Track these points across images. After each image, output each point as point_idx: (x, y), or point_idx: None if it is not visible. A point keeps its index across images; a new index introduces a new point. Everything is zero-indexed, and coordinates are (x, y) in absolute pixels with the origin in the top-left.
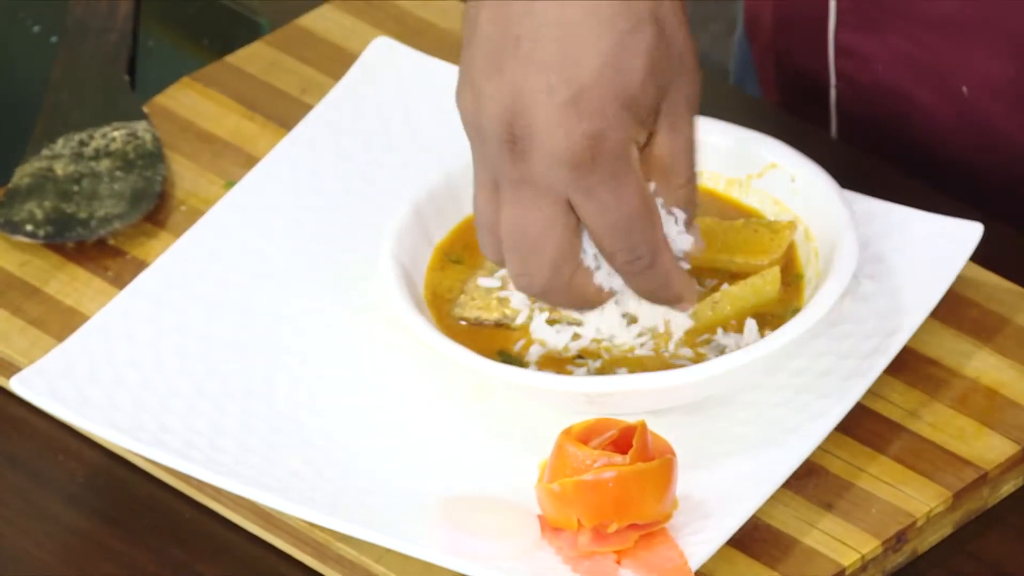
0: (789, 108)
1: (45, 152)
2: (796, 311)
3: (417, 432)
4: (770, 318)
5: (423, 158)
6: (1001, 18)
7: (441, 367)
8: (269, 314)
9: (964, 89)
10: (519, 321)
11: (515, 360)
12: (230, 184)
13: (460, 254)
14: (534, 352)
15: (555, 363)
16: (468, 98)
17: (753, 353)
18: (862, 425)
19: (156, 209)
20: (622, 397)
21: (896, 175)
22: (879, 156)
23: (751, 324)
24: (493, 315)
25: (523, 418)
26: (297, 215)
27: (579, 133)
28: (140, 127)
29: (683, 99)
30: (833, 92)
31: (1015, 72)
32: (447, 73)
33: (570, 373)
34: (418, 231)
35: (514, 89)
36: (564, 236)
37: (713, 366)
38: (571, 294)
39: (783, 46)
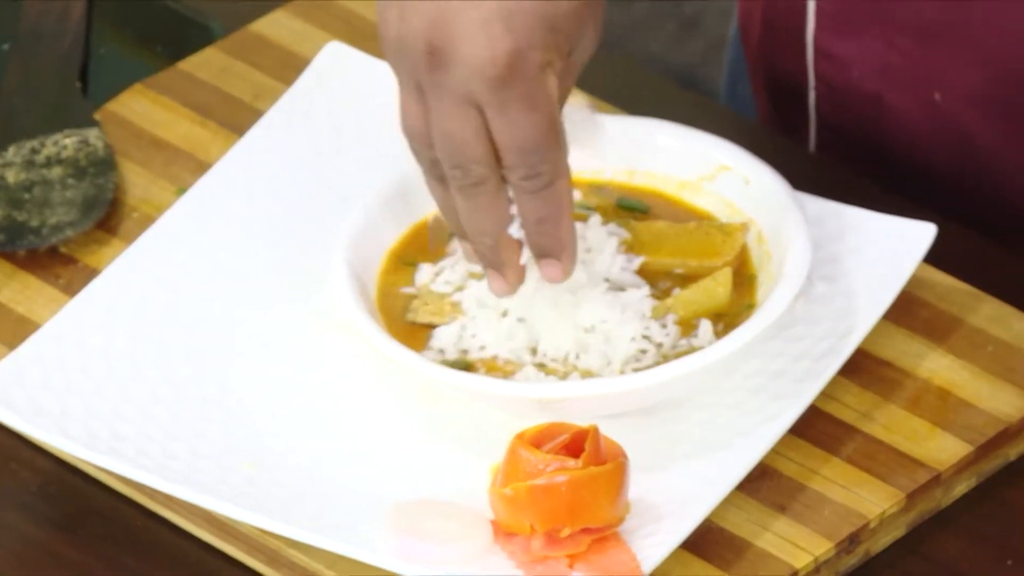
0: (774, 110)
1: None
2: (750, 307)
3: (370, 437)
4: (724, 316)
5: (375, 162)
6: (973, 26)
7: (393, 372)
8: (222, 320)
9: (937, 96)
10: (475, 321)
11: (467, 364)
12: (182, 190)
13: (413, 257)
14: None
15: (509, 363)
16: (392, 15)
17: (706, 357)
18: (815, 427)
19: (108, 216)
20: (575, 403)
21: (852, 177)
22: (856, 160)
23: (705, 325)
24: (446, 319)
25: (475, 422)
26: (249, 221)
27: (502, 48)
28: (92, 134)
29: (584, 52)
30: (812, 95)
31: (986, 80)
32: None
33: (520, 367)
34: (370, 235)
35: (440, 3)
36: (488, 132)
37: (665, 371)
38: (492, 198)
39: (768, 48)
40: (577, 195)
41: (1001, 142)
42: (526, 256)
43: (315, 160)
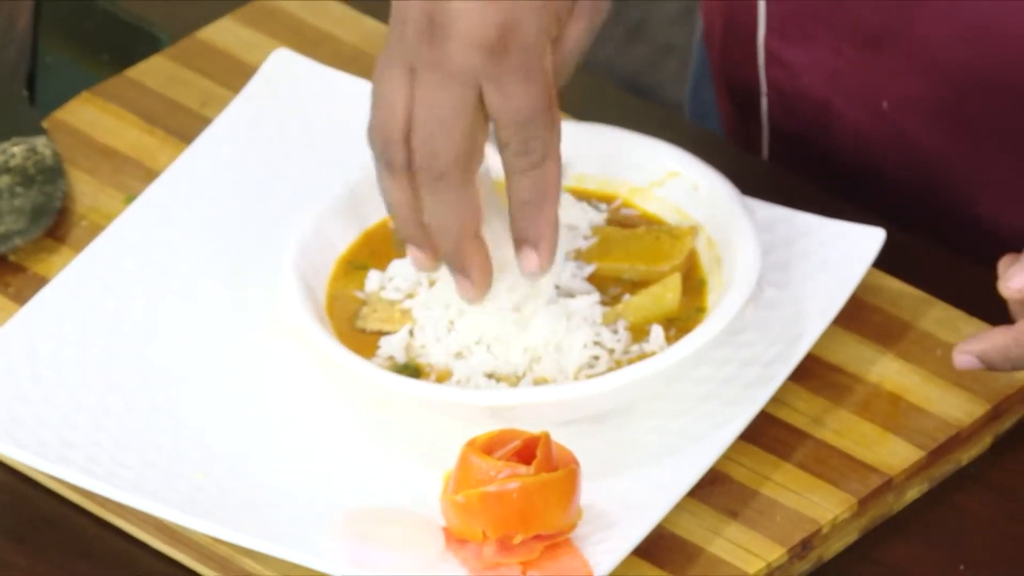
0: (732, 115)
1: None
2: (700, 311)
3: (320, 445)
4: (676, 321)
5: (324, 169)
6: (914, 32)
7: (343, 379)
8: (171, 328)
9: (884, 104)
10: (424, 330)
11: (417, 370)
12: (130, 198)
13: (364, 261)
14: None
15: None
16: None
17: (657, 364)
18: (766, 433)
19: (57, 224)
20: (526, 410)
21: (802, 183)
22: (808, 167)
23: (656, 331)
24: (396, 327)
25: (427, 429)
26: (198, 229)
27: (496, 20)
28: (40, 142)
29: (588, 20)
30: (764, 101)
31: (930, 86)
32: (346, 84)
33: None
34: (320, 243)
35: None
36: (474, 120)
37: (616, 378)
38: (462, 194)
39: (726, 54)
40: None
41: (947, 148)
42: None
43: (264, 167)
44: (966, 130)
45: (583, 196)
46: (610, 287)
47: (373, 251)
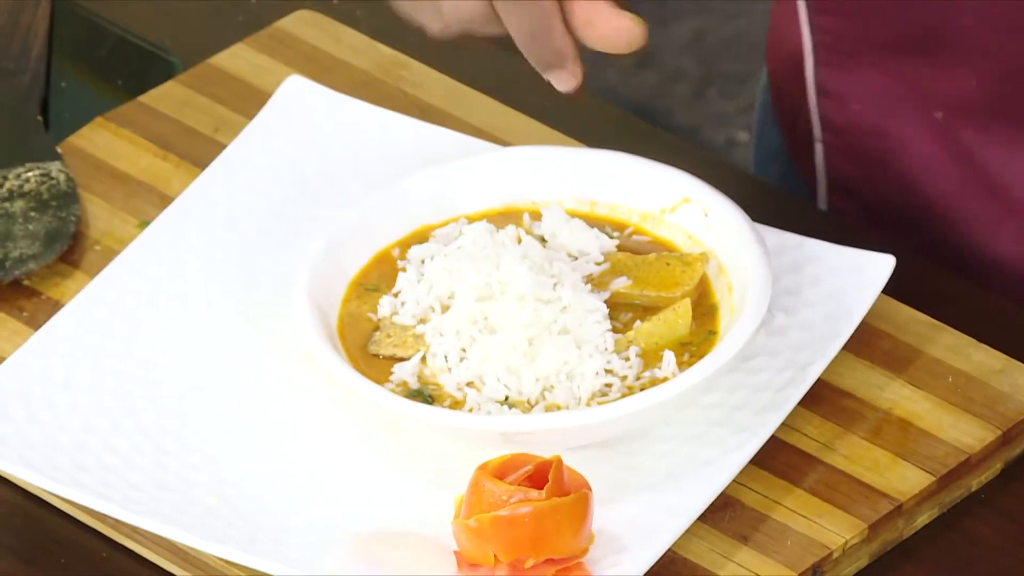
0: (791, 151)
1: None
2: (712, 334)
3: (333, 469)
4: (688, 345)
5: (336, 195)
6: (960, 29)
7: (355, 404)
8: (183, 353)
9: (939, 114)
10: (436, 357)
11: (430, 396)
12: (144, 224)
13: (376, 283)
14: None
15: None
16: None
17: (667, 390)
18: (777, 458)
19: (70, 249)
20: (539, 435)
21: (813, 209)
22: (870, 207)
23: (668, 357)
24: (409, 352)
25: (438, 454)
26: (211, 254)
27: None
28: (54, 167)
29: None
30: (819, 148)
31: (981, 82)
32: (359, 110)
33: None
34: (332, 266)
35: None
36: None
37: (628, 404)
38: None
39: (782, 88)
40: (559, 208)
41: (1004, 151)
42: (471, 313)
43: (277, 193)
44: (1018, 129)
45: (595, 223)
46: (621, 313)
47: (384, 273)
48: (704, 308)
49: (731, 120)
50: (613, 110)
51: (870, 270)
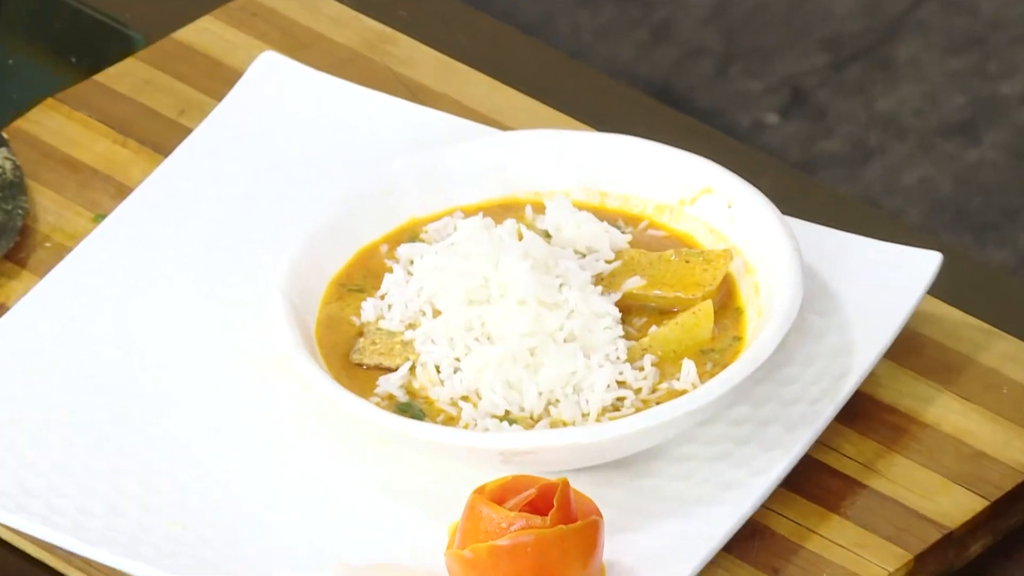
0: None
1: None
2: (737, 340)
3: (311, 491)
4: (711, 353)
5: (315, 184)
6: None
7: (337, 419)
8: (145, 361)
9: None
10: (427, 367)
11: (420, 410)
12: (100, 217)
13: (360, 282)
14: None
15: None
16: None
17: (687, 404)
18: (811, 480)
19: (17, 246)
20: (542, 455)
21: (848, 199)
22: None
23: (688, 366)
24: (397, 361)
25: (430, 476)
26: (176, 251)
27: None
28: None
29: None
30: None
31: None
32: (340, 90)
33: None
34: (310, 264)
35: None
36: None
37: (643, 419)
38: None
39: None
40: (565, 199)
41: None
42: (466, 318)
43: (249, 182)
44: None
45: (605, 215)
46: (635, 317)
47: (369, 272)
48: (728, 311)
49: (758, 100)
50: (626, 89)
51: (915, 268)
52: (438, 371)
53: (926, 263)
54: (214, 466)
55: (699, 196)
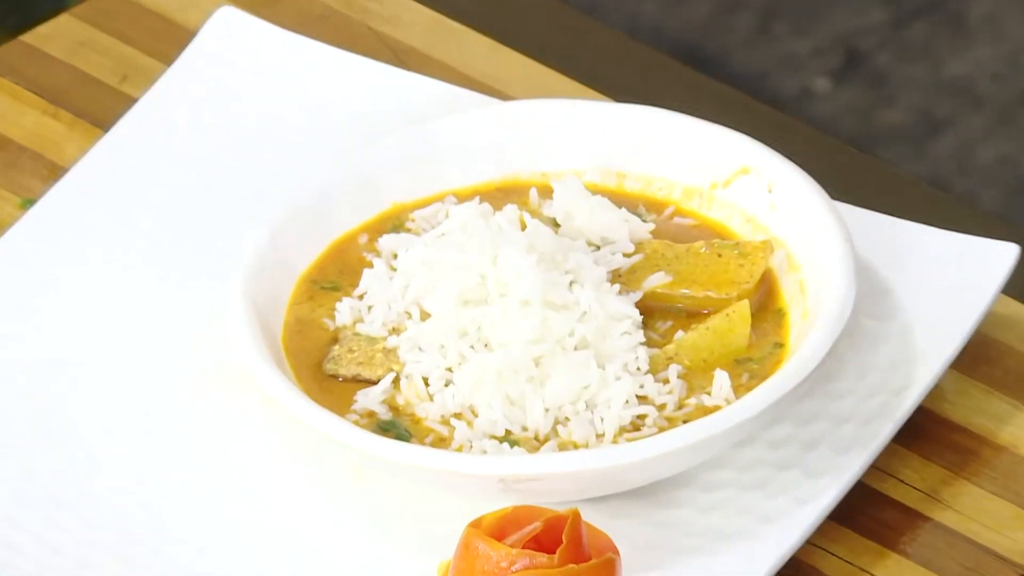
0: None
1: None
2: (778, 347)
3: (280, 525)
4: (747, 362)
5: (282, 163)
6: None
7: (308, 440)
8: (83, 372)
9: None
10: (413, 380)
11: (406, 431)
12: (28, 202)
13: (334, 279)
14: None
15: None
16: None
17: (719, 423)
18: (865, 512)
19: None
20: (549, 482)
21: (911, 183)
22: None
23: (721, 378)
24: (378, 372)
25: (417, 506)
26: (117, 242)
27: None
28: None
29: None
30: None
31: None
32: (312, 53)
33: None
34: (276, 257)
35: None
36: None
37: (667, 441)
38: None
39: None
40: (576, 180)
41: None
42: (459, 321)
43: (203, 162)
44: None
45: (623, 201)
46: (658, 320)
47: (345, 267)
48: (768, 313)
49: (806, 64)
50: (649, 52)
51: (989, 262)
52: (426, 384)
53: (1002, 257)
54: (165, 497)
55: (734, 178)
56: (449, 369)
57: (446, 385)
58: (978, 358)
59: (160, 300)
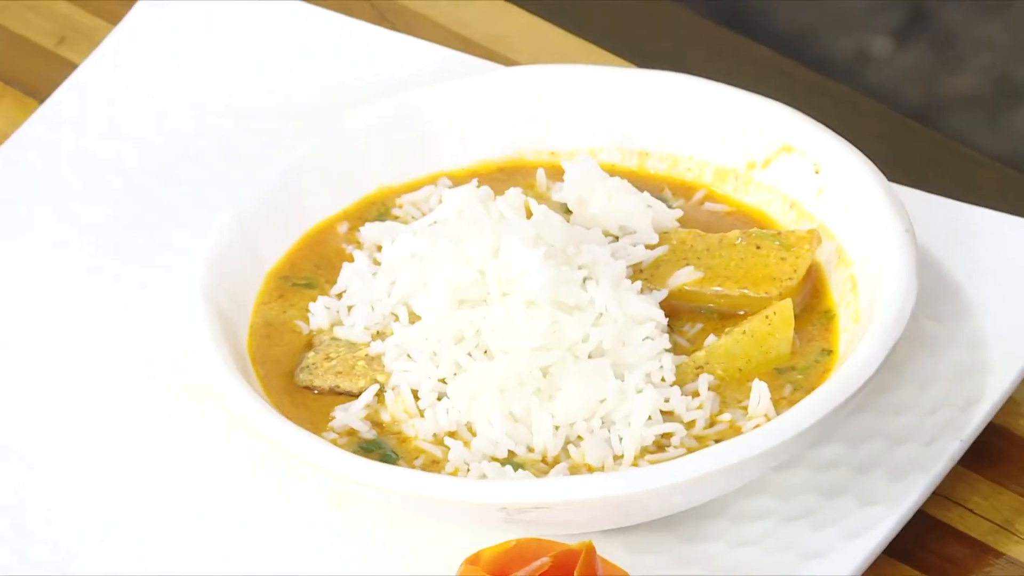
0: None
1: None
2: (826, 354)
3: (249, 560)
4: (789, 372)
5: (246, 137)
6: None
7: (278, 462)
8: (19, 383)
9: None
10: (401, 392)
11: (391, 452)
12: None
13: (309, 275)
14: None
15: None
16: None
17: (757, 444)
18: (927, 546)
19: None
20: (558, 511)
21: (982, 163)
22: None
23: (760, 390)
24: (359, 383)
25: (406, 540)
26: (57, 231)
27: None
28: None
29: None
30: None
31: None
32: (281, 8)
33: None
34: (242, 252)
35: None
36: None
37: (694, 464)
38: None
39: None
40: (591, 160)
41: None
42: (455, 325)
43: (154, 135)
44: None
45: (646, 183)
46: (686, 324)
47: (322, 261)
48: (815, 315)
49: (862, 22)
50: (677, 10)
51: None
52: (416, 398)
53: None
54: (108, 529)
55: (775, 157)
56: (442, 380)
57: (439, 399)
58: None
59: (106, 300)
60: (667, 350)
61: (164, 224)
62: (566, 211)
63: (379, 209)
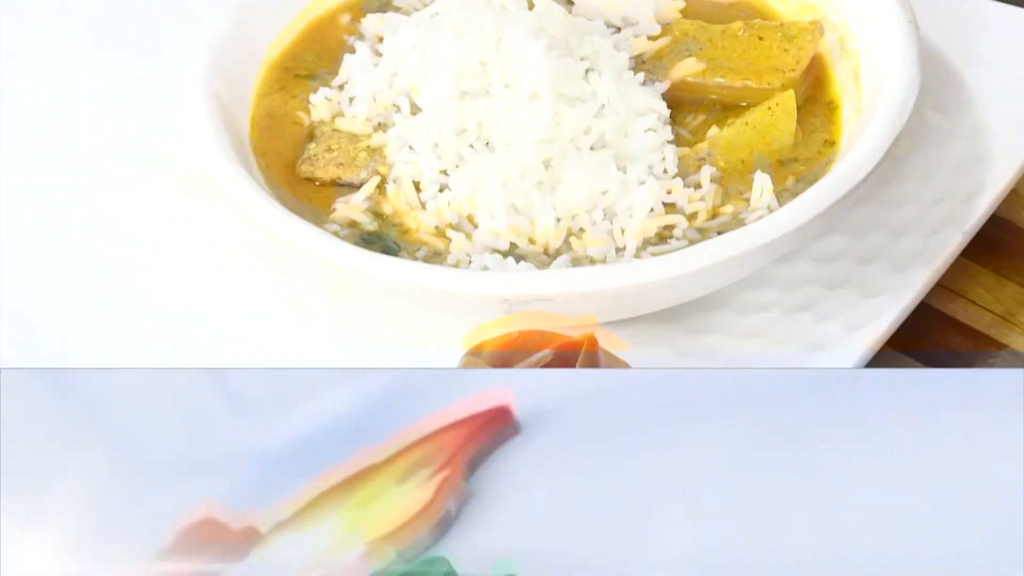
0: None
1: None
2: (828, 145)
3: (246, 353)
4: (791, 163)
5: None
6: None
7: (282, 255)
8: (13, 175)
9: None
10: (403, 183)
11: (394, 243)
12: None
13: (310, 66)
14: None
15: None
16: None
17: (759, 235)
18: (930, 338)
19: None
20: (560, 303)
21: None
22: None
23: (762, 181)
24: (361, 174)
25: (408, 332)
26: (52, 20)
27: None
28: None
29: None
30: None
31: None
32: None
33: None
34: (242, 41)
35: None
36: None
37: (697, 255)
38: None
39: None
40: None
41: None
42: (456, 116)
43: None
44: None
45: None
46: (688, 114)
47: (323, 51)
48: (818, 106)
49: None
50: None
51: None
52: (418, 189)
53: None
54: (109, 319)
55: None
56: (444, 172)
57: (441, 191)
58: None
59: (107, 90)
60: (669, 142)
61: (161, 14)
62: (568, 2)
63: (380, 0)
